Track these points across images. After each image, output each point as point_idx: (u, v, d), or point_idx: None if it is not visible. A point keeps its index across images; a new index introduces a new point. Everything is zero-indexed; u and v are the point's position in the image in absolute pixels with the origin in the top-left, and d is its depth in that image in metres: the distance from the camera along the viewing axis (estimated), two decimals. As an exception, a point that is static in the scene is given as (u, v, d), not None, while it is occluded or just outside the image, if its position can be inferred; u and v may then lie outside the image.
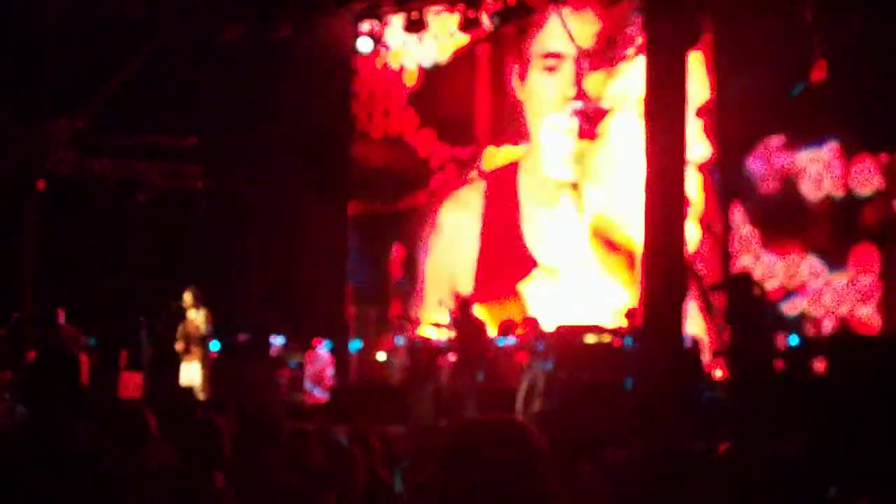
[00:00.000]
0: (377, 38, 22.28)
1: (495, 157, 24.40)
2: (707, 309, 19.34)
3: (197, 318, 19.68)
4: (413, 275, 24.51)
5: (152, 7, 19.73)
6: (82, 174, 22.47)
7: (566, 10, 21.86)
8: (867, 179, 19.86)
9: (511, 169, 24.07)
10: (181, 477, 6.68)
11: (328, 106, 25.67)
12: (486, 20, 21.84)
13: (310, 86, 24.79)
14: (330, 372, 22.23)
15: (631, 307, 18.72)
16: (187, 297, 19.81)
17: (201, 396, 19.55)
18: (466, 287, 23.25)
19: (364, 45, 21.74)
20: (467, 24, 21.01)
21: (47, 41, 22.25)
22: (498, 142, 24.35)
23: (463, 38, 24.43)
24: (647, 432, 12.63)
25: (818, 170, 20.24)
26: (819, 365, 17.89)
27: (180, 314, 19.85)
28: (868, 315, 19.66)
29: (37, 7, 22.19)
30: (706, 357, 19.18)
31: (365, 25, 22.74)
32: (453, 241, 24.61)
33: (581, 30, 22.59)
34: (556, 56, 22.96)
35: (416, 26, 21.60)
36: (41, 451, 5.40)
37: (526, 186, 23.89)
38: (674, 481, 9.05)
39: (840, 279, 19.92)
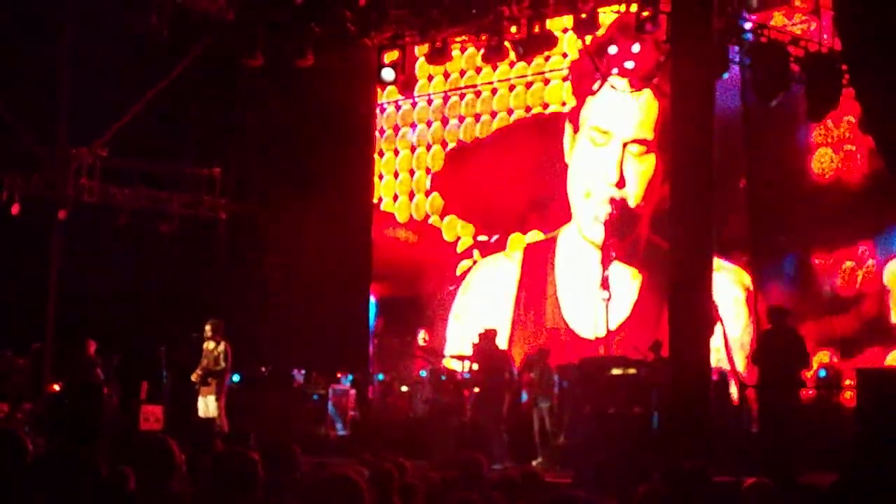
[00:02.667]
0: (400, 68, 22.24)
1: (521, 243, 24.21)
2: None
3: (216, 350, 19.53)
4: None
5: (175, 36, 19.70)
6: (104, 202, 22.46)
7: (624, 84, 21.70)
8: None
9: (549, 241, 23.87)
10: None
11: (351, 139, 25.74)
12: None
13: (334, 116, 24.83)
14: (352, 405, 22.07)
15: (657, 339, 18.58)
16: (207, 329, 19.68)
17: (219, 429, 19.40)
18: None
19: (388, 74, 21.66)
20: (490, 53, 20.89)
21: (71, 69, 22.26)
22: (525, 228, 24.15)
23: (488, 120, 24.65)
24: (673, 465, 12.44)
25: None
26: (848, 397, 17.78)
27: (200, 346, 19.74)
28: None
29: (61, 34, 22.22)
30: (733, 389, 19.02)
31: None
32: (485, 312, 23.87)
33: (635, 112, 22.66)
34: (605, 133, 22.86)
35: (439, 56, 21.48)
36: (63, 482, 5.30)
37: (564, 258, 23.65)
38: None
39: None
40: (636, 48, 20.78)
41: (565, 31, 21.86)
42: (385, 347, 24.73)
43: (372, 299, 26.00)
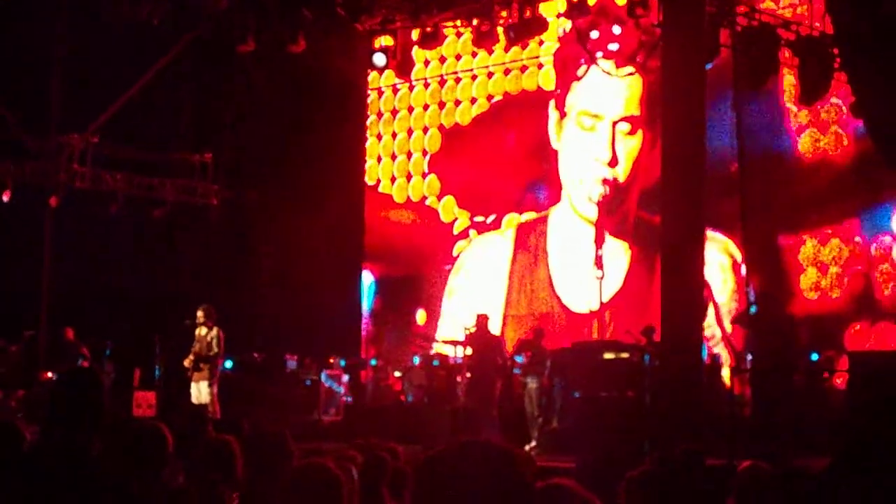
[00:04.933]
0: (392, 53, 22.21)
1: (517, 222, 24.37)
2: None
3: (208, 336, 19.50)
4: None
5: (167, 23, 19.68)
6: (97, 189, 22.45)
7: (609, 65, 21.75)
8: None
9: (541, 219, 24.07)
10: (199, 497, 6.57)
11: (343, 124, 25.76)
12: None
13: (326, 101, 24.86)
14: (345, 390, 22.07)
15: (650, 324, 18.59)
16: (199, 315, 19.66)
17: (212, 415, 19.40)
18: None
19: (379, 59, 21.64)
20: (481, 38, 20.89)
21: (62, 56, 22.25)
22: (520, 208, 24.29)
23: (484, 103, 24.74)
24: (666, 449, 12.48)
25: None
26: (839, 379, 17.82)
27: (193, 332, 19.72)
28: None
29: (52, 22, 22.19)
30: (726, 373, 19.06)
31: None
32: (478, 289, 24.22)
33: (621, 92, 22.68)
34: (594, 116, 22.92)
35: (430, 41, 21.48)
36: (59, 470, 5.29)
37: (556, 235, 23.81)
38: (695, 499, 8.91)
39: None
40: (617, 30, 20.93)
41: (559, 16, 21.89)
42: (383, 327, 24.89)
43: (371, 280, 26.08)
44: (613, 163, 22.44)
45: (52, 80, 22.35)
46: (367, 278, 26.22)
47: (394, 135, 26.14)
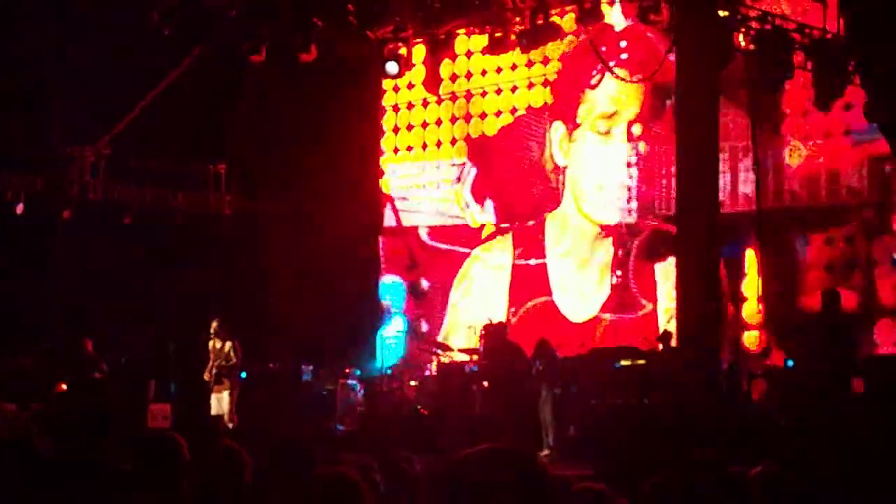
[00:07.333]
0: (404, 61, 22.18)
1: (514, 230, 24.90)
2: None
3: (224, 347, 19.51)
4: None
5: (179, 32, 19.65)
6: (109, 200, 22.47)
7: (625, 73, 21.91)
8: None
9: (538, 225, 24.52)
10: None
11: (358, 132, 25.80)
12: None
13: (340, 110, 24.87)
14: (360, 400, 22.03)
15: (666, 330, 18.51)
16: (213, 327, 19.67)
17: (229, 426, 19.41)
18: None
19: (391, 67, 21.62)
20: (494, 45, 20.88)
21: (73, 67, 22.26)
22: (542, 215, 24.63)
23: (508, 116, 24.93)
24: (683, 455, 12.43)
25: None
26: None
27: (208, 344, 19.72)
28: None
29: (63, 32, 22.21)
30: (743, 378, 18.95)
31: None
32: (481, 298, 24.69)
33: (636, 93, 22.84)
34: (610, 117, 23.06)
35: (442, 48, 21.46)
36: (72, 483, 5.26)
37: (555, 238, 24.12)
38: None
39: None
40: (623, 43, 21.18)
41: (577, 34, 21.95)
42: (416, 331, 25.15)
43: (403, 285, 26.35)
44: (630, 164, 22.61)
45: (63, 91, 22.34)
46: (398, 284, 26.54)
47: (424, 146, 26.29)
